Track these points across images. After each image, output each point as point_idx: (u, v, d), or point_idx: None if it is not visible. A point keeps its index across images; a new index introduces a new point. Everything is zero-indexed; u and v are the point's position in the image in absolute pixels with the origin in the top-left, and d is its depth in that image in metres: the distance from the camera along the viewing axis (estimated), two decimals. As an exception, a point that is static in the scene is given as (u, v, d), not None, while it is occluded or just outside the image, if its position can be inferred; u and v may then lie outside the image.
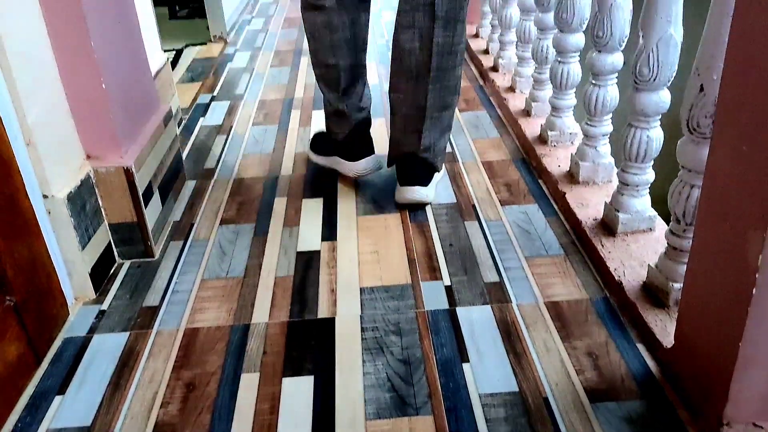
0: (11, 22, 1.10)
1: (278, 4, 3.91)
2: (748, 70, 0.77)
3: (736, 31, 0.79)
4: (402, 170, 1.59)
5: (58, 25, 1.22)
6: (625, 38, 1.39)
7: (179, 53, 3.03)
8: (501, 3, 2.30)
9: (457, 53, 1.49)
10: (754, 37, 0.75)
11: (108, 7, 1.36)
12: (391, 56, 1.53)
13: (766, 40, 0.73)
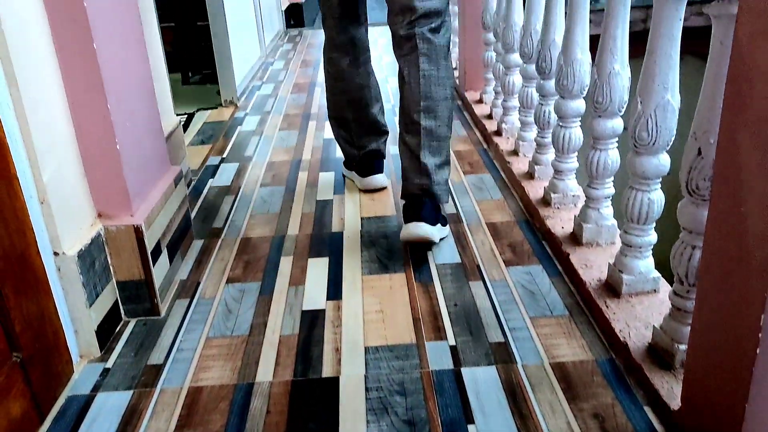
0: (32, 87, 1.15)
1: (288, 70, 4.03)
2: (743, 135, 0.79)
3: (730, 97, 0.82)
4: (409, 208, 1.67)
5: (76, 89, 1.27)
6: (624, 104, 1.43)
7: (191, 117, 3.11)
8: (504, 70, 2.37)
9: (446, 86, 1.67)
10: (747, 103, 0.78)
11: (126, 72, 1.41)
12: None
13: (759, 106, 0.76)
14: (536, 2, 1.94)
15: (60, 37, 1.23)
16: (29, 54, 1.15)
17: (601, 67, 1.40)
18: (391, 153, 2.39)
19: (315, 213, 1.95)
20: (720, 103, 0.87)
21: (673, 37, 1.16)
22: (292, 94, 3.43)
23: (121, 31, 1.41)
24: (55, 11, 1.21)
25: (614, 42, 1.37)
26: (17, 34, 1.11)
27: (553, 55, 1.78)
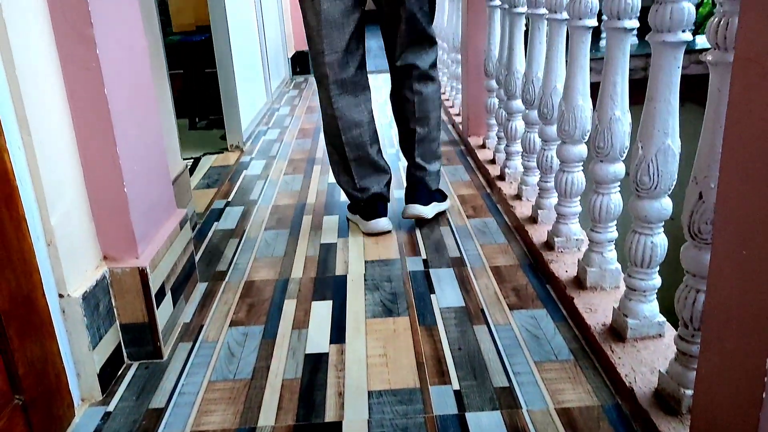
0: (43, 131, 1.17)
1: (293, 116, 4.09)
2: (743, 178, 0.80)
3: (728, 142, 0.84)
4: (408, 193, 2.12)
5: (86, 133, 1.29)
6: (625, 149, 1.45)
7: (197, 161, 3.15)
8: (506, 116, 2.41)
9: (435, 99, 2.08)
10: (746, 147, 0.79)
11: (135, 118, 1.44)
12: None
13: (758, 150, 0.77)
14: (537, 50, 1.98)
15: (72, 84, 1.26)
16: (41, 99, 1.18)
17: (602, 113, 1.42)
18: (395, 196, 2.40)
19: (319, 256, 1.96)
20: (719, 148, 0.88)
21: (671, 83, 1.18)
22: (297, 139, 3.47)
23: (131, 78, 1.44)
24: (68, 59, 1.24)
25: (614, 88, 1.40)
26: (30, 79, 1.14)
27: (554, 102, 1.81)
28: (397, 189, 2.43)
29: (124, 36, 1.41)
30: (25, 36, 1.13)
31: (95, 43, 1.23)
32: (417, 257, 1.91)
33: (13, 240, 1.07)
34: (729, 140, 0.83)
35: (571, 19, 1.58)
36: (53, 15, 1.21)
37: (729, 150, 0.84)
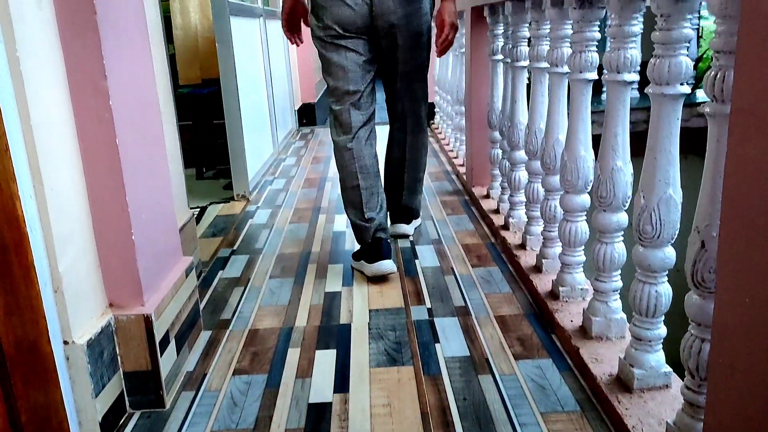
0: (55, 180, 1.20)
1: (299, 166, 4.14)
2: (744, 227, 0.81)
3: (728, 191, 0.85)
4: (394, 215, 2.54)
5: (97, 181, 1.32)
6: (628, 199, 1.46)
7: (204, 210, 3.18)
8: (510, 166, 2.43)
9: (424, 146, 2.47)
10: (745, 196, 0.80)
11: (145, 167, 1.47)
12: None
13: (757, 199, 0.78)
14: (540, 103, 2.02)
15: (85, 133, 1.29)
16: (54, 148, 1.21)
17: (603, 163, 1.44)
18: (399, 245, 2.41)
19: (323, 305, 1.96)
20: (720, 197, 0.89)
21: (671, 134, 1.20)
22: (303, 189, 3.51)
23: (142, 129, 1.47)
24: (82, 109, 1.28)
25: (616, 139, 1.42)
26: (45, 129, 1.17)
27: (557, 152, 1.84)
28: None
29: (136, 88, 1.45)
30: (41, 87, 1.17)
31: (109, 95, 1.27)
32: (421, 306, 1.91)
33: (21, 286, 1.08)
34: (728, 189, 0.85)
35: (571, 72, 1.62)
36: (69, 67, 1.25)
37: (729, 199, 0.85)
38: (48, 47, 1.21)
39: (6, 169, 1.06)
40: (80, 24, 1.24)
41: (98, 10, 1.24)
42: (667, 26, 1.16)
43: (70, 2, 1.23)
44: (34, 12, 1.16)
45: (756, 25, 0.78)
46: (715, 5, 0.96)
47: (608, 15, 1.43)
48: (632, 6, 1.35)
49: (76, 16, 1.24)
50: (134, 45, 1.46)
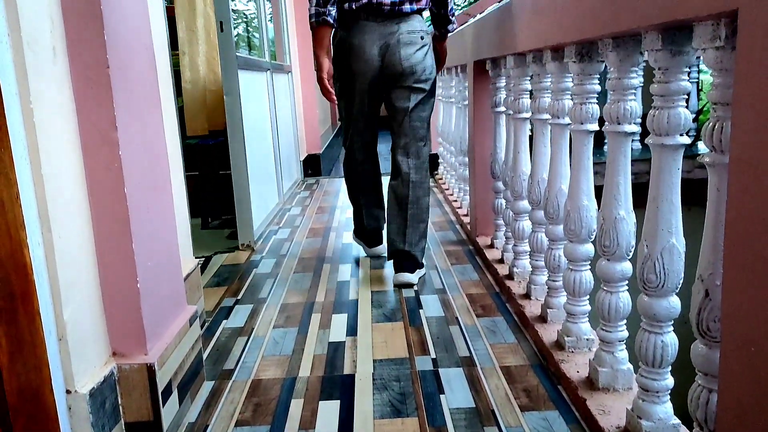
0: (64, 227, 1.21)
1: (304, 216, 4.16)
2: (746, 275, 0.82)
3: (730, 239, 0.86)
4: (397, 262, 2.61)
5: (104, 229, 1.33)
6: (631, 248, 1.47)
7: (208, 259, 3.18)
8: (513, 216, 2.45)
9: (426, 187, 2.63)
10: (747, 244, 0.81)
11: (152, 216, 1.48)
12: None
13: (758, 247, 0.79)
14: (542, 153, 2.04)
15: (93, 182, 1.31)
16: (63, 196, 1.23)
17: (606, 212, 1.46)
18: (404, 294, 2.41)
19: (327, 355, 1.94)
20: (721, 246, 0.90)
21: (672, 184, 1.22)
22: (308, 239, 3.52)
23: (150, 179, 1.50)
24: (91, 159, 1.30)
25: (618, 189, 1.44)
26: (55, 178, 1.19)
27: (560, 202, 1.85)
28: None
29: (146, 139, 1.48)
30: (52, 138, 1.19)
31: (119, 146, 1.29)
32: (426, 356, 1.90)
33: (26, 334, 1.08)
34: (729, 238, 0.86)
35: (573, 123, 1.65)
36: (80, 118, 1.28)
37: (730, 247, 0.86)
38: (61, 99, 1.24)
39: (16, 217, 1.07)
40: (93, 77, 1.27)
41: (111, 64, 1.28)
42: (665, 79, 1.18)
43: (84, 57, 1.27)
44: (49, 66, 1.20)
45: (750, 77, 0.80)
46: (711, 59, 0.99)
47: (607, 68, 1.46)
48: (630, 60, 1.38)
49: (90, 70, 1.27)
50: (145, 98, 1.50)
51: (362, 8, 2.47)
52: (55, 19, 1.23)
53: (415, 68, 2.51)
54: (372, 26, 2.49)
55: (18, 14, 1.10)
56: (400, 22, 2.48)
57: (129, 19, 1.42)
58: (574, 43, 1.57)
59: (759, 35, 0.79)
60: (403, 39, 2.48)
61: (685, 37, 1.14)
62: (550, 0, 1.70)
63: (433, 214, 3.93)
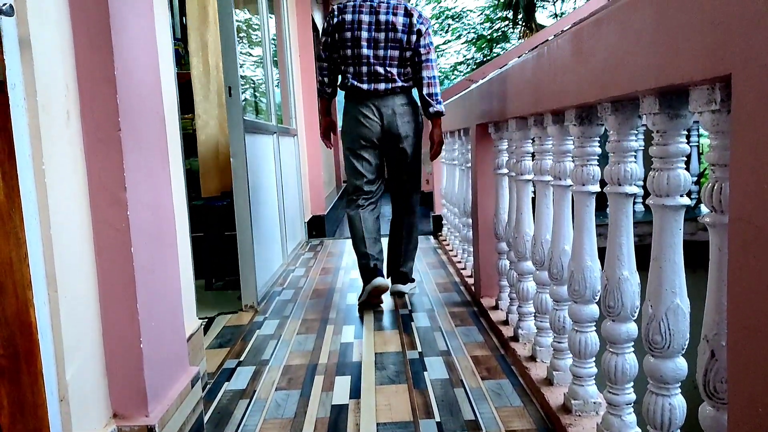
0: (70, 287, 1.22)
1: (308, 277, 4.16)
2: (751, 334, 0.82)
3: (733, 298, 0.86)
4: (394, 277, 3.43)
5: (110, 290, 1.34)
6: (636, 309, 1.46)
7: (211, 320, 3.17)
8: (517, 277, 2.45)
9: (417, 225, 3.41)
10: (750, 303, 0.81)
11: (157, 276, 1.49)
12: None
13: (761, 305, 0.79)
14: (545, 214, 2.06)
15: (101, 242, 1.33)
16: (71, 257, 1.24)
17: (610, 273, 1.46)
18: (408, 356, 2.38)
19: (330, 418, 1.91)
20: (725, 305, 0.90)
21: (674, 244, 1.23)
22: (311, 300, 3.51)
23: (157, 239, 1.51)
24: (100, 219, 1.32)
25: (621, 249, 1.44)
26: (63, 239, 1.21)
27: (564, 263, 1.86)
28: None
29: (154, 200, 1.50)
30: (63, 198, 1.22)
31: (127, 206, 1.32)
32: (430, 420, 1.86)
33: (28, 394, 1.08)
34: (733, 297, 0.86)
35: (575, 185, 1.67)
36: (90, 178, 1.31)
37: (734, 307, 0.86)
38: (72, 160, 1.27)
39: (24, 277, 1.08)
40: (105, 139, 1.31)
41: (123, 127, 1.32)
42: (664, 141, 1.21)
43: (97, 119, 1.31)
44: (62, 129, 1.24)
45: (746, 139, 0.82)
46: (708, 122, 1.02)
47: (607, 131, 1.49)
48: (629, 123, 1.41)
49: (101, 132, 1.31)
50: (154, 159, 1.53)
51: (349, 90, 3.19)
52: (70, 84, 1.27)
53: (404, 137, 3.20)
54: (367, 104, 3.18)
55: (35, 79, 1.14)
56: (389, 100, 3.17)
57: (141, 85, 1.46)
58: (574, 107, 1.61)
59: (752, 98, 0.82)
60: (395, 115, 3.16)
61: (681, 100, 1.17)
62: (550, 65, 1.75)
63: (437, 276, 3.92)
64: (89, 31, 1.29)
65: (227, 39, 3.22)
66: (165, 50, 1.85)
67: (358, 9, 3.12)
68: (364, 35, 3.10)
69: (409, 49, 3.14)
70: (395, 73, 3.15)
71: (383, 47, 3.12)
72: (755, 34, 0.81)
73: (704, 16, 0.93)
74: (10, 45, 1.10)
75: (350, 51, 3.14)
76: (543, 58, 1.81)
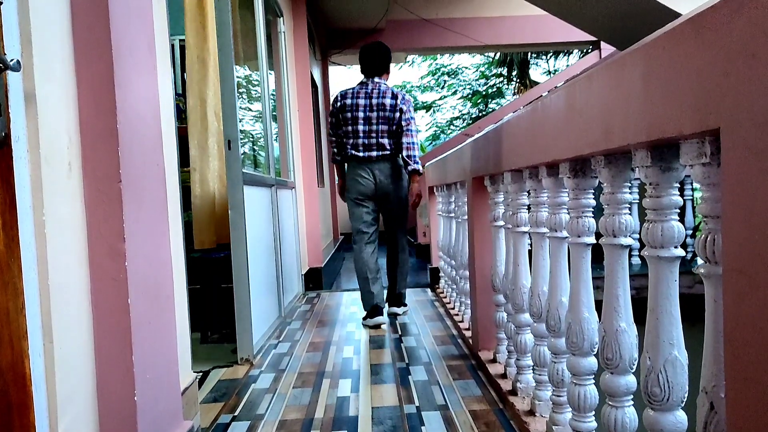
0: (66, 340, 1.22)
1: (304, 330, 4.12)
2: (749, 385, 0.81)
3: (730, 349, 0.86)
4: (390, 301, 4.22)
5: (105, 341, 1.33)
6: (634, 361, 1.46)
7: (206, 374, 3.13)
8: (515, 329, 2.43)
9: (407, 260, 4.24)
10: (747, 354, 0.81)
11: (153, 328, 1.49)
12: None
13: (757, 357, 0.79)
14: (542, 266, 2.07)
15: (98, 293, 1.33)
16: (68, 308, 1.24)
17: (607, 324, 1.46)
18: (405, 411, 2.34)
19: (326, 475, 1.87)
20: (723, 356, 0.90)
21: (670, 296, 1.23)
22: (308, 353, 3.47)
23: (154, 291, 1.51)
24: (97, 271, 1.32)
25: (617, 300, 1.45)
26: (61, 290, 1.21)
27: (561, 315, 1.85)
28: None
29: (152, 251, 1.51)
30: (61, 250, 1.22)
31: (125, 257, 1.32)
32: (429, 477, 1.83)
33: (19, 448, 1.06)
34: (730, 348, 0.86)
35: (570, 236, 1.69)
36: (90, 229, 1.32)
37: (731, 358, 0.86)
38: (72, 211, 1.28)
39: (20, 327, 1.08)
40: (105, 191, 1.32)
41: (123, 179, 1.34)
42: (657, 194, 1.23)
43: (98, 172, 1.33)
44: (63, 180, 1.25)
45: (737, 191, 0.84)
46: (699, 174, 1.04)
47: (601, 183, 1.52)
48: (622, 175, 1.44)
49: (102, 184, 1.33)
50: (153, 212, 1.54)
51: (350, 157, 4.08)
52: (73, 137, 1.29)
53: (392, 194, 4.09)
54: (363, 168, 4.08)
55: (38, 132, 1.16)
56: (380, 164, 4.05)
57: (143, 138, 1.49)
58: (568, 159, 1.64)
59: (741, 152, 0.84)
60: (384, 176, 4.05)
61: (673, 153, 1.19)
62: (544, 120, 1.78)
63: (434, 328, 3.90)
64: (93, 86, 1.33)
65: (228, 94, 3.29)
66: (166, 105, 1.88)
67: (356, 95, 4.02)
68: (360, 115, 3.99)
69: (395, 123, 4.00)
70: (385, 143, 4.02)
71: (375, 123, 3.99)
72: (742, 89, 0.84)
73: (692, 72, 0.96)
74: (16, 99, 1.12)
75: (350, 127, 4.02)
76: (537, 112, 1.85)
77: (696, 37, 0.95)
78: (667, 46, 1.04)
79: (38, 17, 1.18)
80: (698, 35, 0.94)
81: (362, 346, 3.57)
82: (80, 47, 1.32)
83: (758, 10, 0.80)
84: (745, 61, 0.83)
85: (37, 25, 1.17)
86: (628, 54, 1.20)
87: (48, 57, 1.22)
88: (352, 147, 4.04)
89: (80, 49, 1.32)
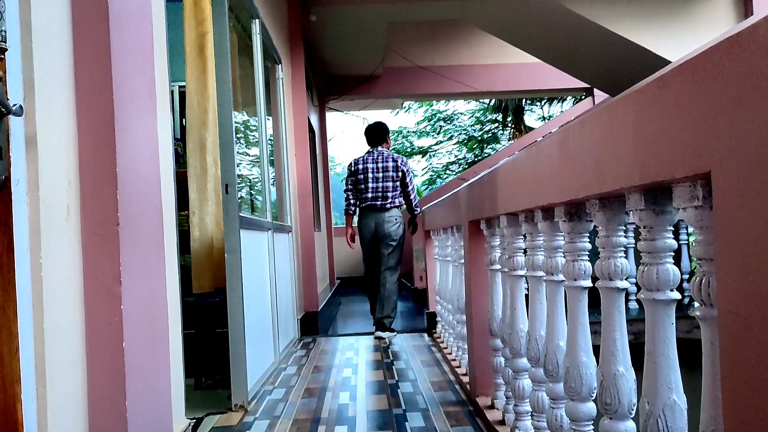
0: (57, 381, 1.20)
1: (300, 375, 4.08)
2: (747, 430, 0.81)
3: (727, 392, 0.86)
4: (378, 326, 5.32)
5: (98, 385, 1.32)
6: (633, 406, 1.44)
7: (200, 421, 3.07)
8: (513, 374, 2.41)
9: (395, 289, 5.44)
10: (744, 397, 0.81)
11: (147, 373, 1.47)
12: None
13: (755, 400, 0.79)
14: (539, 310, 2.06)
15: (93, 337, 1.32)
16: (62, 352, 1.23)
17: (605, 368, 1.45)
18: None
19: None
20: (720, 399, 0.90)
21: (667, 339, 1.23)
22: (303, 399, 3.43)
23: (149, 334, 1.50)
24: (93, 314, 1.32)
25: (615, 344, 1.44)
26: (56, 335, 1.20)
27: (559, 359, 1.84)
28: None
29: (148, 295, 1.51)
30: (58, 293, 1.22)
31: (121, 299, 1.32)
32: None
33: (8, 496, 1.04)
34: (727, 391, 0.86)
35: (567, 280, 1.69)
36: (86, 271, 1.32)
37: (729, 400, 0.85)
38: (69, 254, 1.28)
39: (13, 371, 1.07)
40: (103, 233, 1.33)
41: (121, 222, 1.34)
42: (651, 237, 1.24)
43: (96, 215, 1.33)
44: (61, 223, 1.26)
45: (729, 234, 0.85)
46: (691, 217, 1.05)
47: (596, 227, 1.53)
48: (617, 219, 1.45)
49: (100, 227, 1.33)
50: (150, 255, 1.55)
51: (361, 208, 5.40)
52: (72, 180, 1.31)
53: (390, 234, 5.31)
54: (371, 213, 5.37)
55: (38, 175, 1.17)
56: (383, 212, 5.32)
57: (141, 182, 1.50)
58: (563, 203, 1.65)
59: (732, 195, 0.85)
60: (386, 220, 5.31)
61: (666, 197, 1.21)
62: (538, 164, 1.81)
63: (431, 374, 3.86)
64: (94, 130, 1.34)
65: (226, 139, 3.33)
66: (165, 150, 1.91)
67: (365, 160, 5.41)
68: (370, 176, 5.35)
69: (397, 181, 5.38)
70: (389, 196, 5.35)
71: (381, 181, 5.34)
72: (731, 133, 0.85)
73: (682, 117, 0.98)
74: (17, 143, 1.14)
75: (363, 185, 5.37)
76: (532, 156, 1.87)
77: (685, 84, 0.97)
78: (656, 93, 1.07)
79: (41, 63, 1.20)
80: (686, 82, 0.97)
81: (358, 391, 3.52)
82: (82, 92, 1.34)
83: (744, 58, 0.82)
84: (733, 106, 0.85)
85: (40, 70, 1.20)
86: (619, 100, 1.22)
87: (50, 101, 1.24)
88: (363, 200, 5.42)
89: (82, 94, 1.34)
